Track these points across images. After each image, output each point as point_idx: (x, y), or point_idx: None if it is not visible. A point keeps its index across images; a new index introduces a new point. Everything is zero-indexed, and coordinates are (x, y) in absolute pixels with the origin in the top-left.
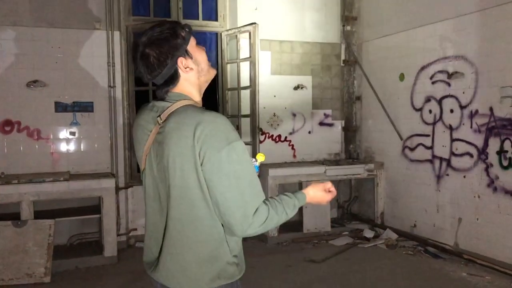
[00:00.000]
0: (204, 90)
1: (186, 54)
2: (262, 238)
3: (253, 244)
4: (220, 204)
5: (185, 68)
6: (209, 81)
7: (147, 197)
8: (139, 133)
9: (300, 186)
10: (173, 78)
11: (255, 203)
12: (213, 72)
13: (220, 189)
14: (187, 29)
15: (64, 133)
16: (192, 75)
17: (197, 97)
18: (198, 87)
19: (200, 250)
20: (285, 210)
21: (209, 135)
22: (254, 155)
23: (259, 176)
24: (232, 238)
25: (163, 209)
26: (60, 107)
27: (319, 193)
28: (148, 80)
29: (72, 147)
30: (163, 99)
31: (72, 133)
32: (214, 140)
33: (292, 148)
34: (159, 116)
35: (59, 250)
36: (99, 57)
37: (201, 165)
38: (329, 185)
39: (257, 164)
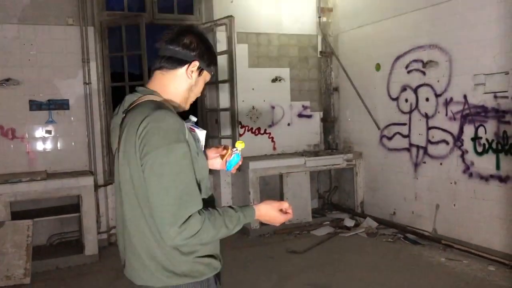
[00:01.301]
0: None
1: (201, 70)
2: (244, 230)
3: (235, 237)
4: (151, 204)
5: (190, 72)
6: (180, 105)
7: (115, 192)
8: (112, 126)
9: (281, 178)
10: (178, 62)
11: (187, 212)
12: (187, 106)
13: (152, 190)
14: (214, 69)
15: (40, 132)
16: (185, 81)
17: (172, 97)
18: (177, 93)
19: (154, 247)
20: (226, 224)
21: (150, 133)
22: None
23: (240, 166)
24: None
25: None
26: (35, 105)
27: (272, 212)
28: (161, 46)
29: (48, 145)
30: (134, 92)
31: (48, 132)
32: (154, 138)
33: (272, 141)
34: (125, 110)
35: (39, 251)
36: (73, 54)
37: (140, 162)
38: (286, 205)
39: (238, 152)
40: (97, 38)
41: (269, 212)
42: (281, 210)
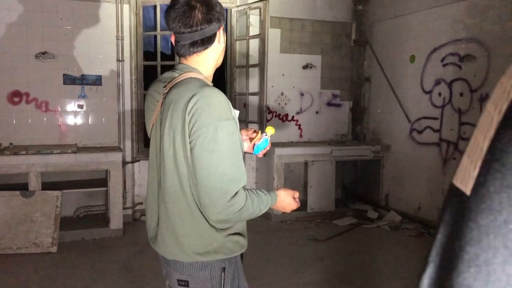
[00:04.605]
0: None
1: (224, 29)
2: (266, 216)
3: (257, 222)
4: (199, 181)
5: (219, 38)
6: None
7: (150, 167)
8: (148, 103)
9: (306, 166)
10: (210, 40)
11: (235, 187)
12: (220, 61)
13: (201, 165)
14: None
15: (72, 106)
16: (218, 49)
17: (210, 72)
18: (215, 64)
19: (190, 225)
20: (260, 205)
21: (200, 109)
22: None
23: (268, 150)
24: None
25: (160, 180)
26: (68, 80)
27: (288, 199)
28: (179, 35)
29: (79, 120)
30: (174, 70)
31: (80, 106)
32: (205, 114)
33: (299, 128)
34: (165, 86)
35: (66, 222)
36: (108, 30)
37: (189, 138)
38: (297, 194)
39: (268, 137)
40: (132, 16)
41: (287, 199)
42: (293, 198)
